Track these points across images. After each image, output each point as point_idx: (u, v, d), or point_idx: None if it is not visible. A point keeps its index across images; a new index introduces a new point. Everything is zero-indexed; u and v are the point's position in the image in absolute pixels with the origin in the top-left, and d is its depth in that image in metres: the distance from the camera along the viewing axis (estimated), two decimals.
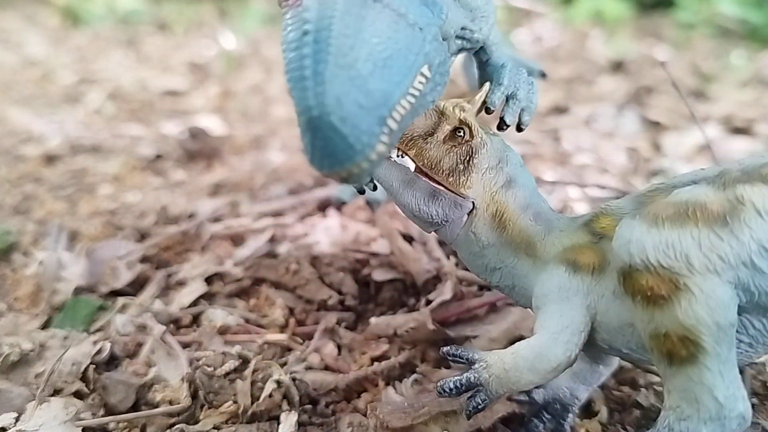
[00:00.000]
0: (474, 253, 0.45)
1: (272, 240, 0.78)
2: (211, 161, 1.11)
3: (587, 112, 1.30)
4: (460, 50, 0.47)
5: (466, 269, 0.70)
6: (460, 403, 0.46)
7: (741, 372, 0.38)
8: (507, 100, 0.47)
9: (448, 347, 0.44)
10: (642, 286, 0.35)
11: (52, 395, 0.54)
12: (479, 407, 0.42)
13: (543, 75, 0.66)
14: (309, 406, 0.53)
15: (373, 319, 0.61)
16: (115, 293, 0.70)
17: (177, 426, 0.51)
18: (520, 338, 0.56)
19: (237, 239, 0.81)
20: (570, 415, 0.49)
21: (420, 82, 0.38)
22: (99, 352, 0.58)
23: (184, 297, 0.68)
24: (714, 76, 1.54)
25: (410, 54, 0.38)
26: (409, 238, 0.75)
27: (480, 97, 0.46)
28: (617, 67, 1.63)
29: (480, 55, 0.50)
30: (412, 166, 0.44)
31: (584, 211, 0.86)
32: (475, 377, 0.42)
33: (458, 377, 0.42)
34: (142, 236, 0.82)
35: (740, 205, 0.35)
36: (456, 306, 0.63)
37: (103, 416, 0.53)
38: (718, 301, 0.34)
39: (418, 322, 0.59)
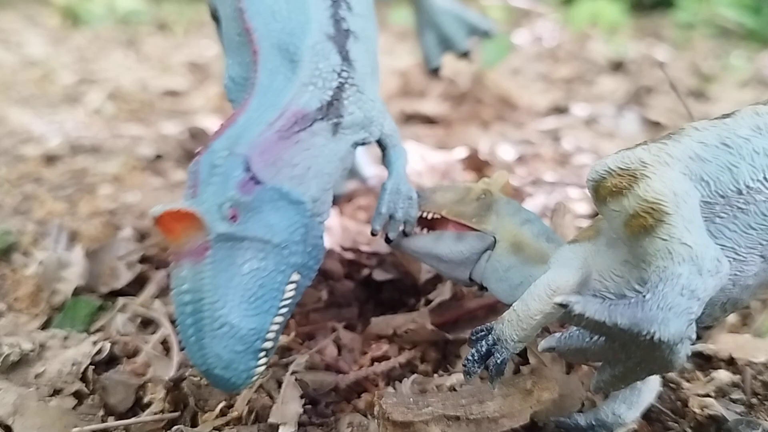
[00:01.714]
0: (500, 279, 0.50)
1: None
2: None
3: (587, 112, 1.30)
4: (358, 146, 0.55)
5: None
6: (464, 409, 0.46)
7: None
8: (389, 218, 0.55)
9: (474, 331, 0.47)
10: (608, 188, 0.40)
11: (52, 395, 0.54)
12: (501, 365, 0.44)
13: (487, 34, 0.81)
14: (309, 406, 0.53)
15: (373, 319, 0.61)
16: (115, 293, 0.70)
17: (176, 427, 0.51)
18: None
19: None
20: None
21: (290, 290, 0.46)
22: (99, 352, 0.58)
23: None
24: (714, 76, 1.54)
25: (278, 274, 0.46)
26: None
27: (501, 186, 0.55)
28: (617, 67, 1.63)
29: (379, 143, 0.57)
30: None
31: (584, 211, 0.87)
32: (491, 336, 0.44)
33: (479, 343, 0.45)
34: (142, 236, 0.82)
35: (681, 130, 0.42)
36: (455, 307, 0.63)
37: (102, 417, 0.53)
38: (671, 177, 0.39)
39: (418, 323, 0.59)
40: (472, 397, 0.47)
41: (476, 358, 0.44)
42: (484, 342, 0.44)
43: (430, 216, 0.55)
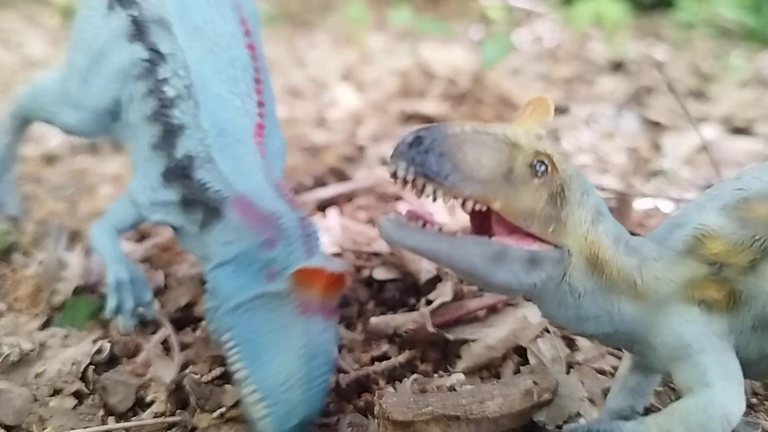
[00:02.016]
0: (567, 305, 0.38)
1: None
2: None
3: (587, 112, 1.30)
4: None
5: None
6: (464, 408, 0.46)
7: None
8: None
9: (571, 425, 0.44)
10: None
11: (52, 395, 0.54)
12: None
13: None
14: None
15: (372, 319, 0.61)
16: None
17: (176, 426, 0.51)
18: (519, 348, 0.56)
19: None
20: None
21: None
22: (99, 352, 0.58)
23: (183, 297, 0.67)
24: (714, 76, 1.54)
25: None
26: None
27: (550, 112, 0.39)
28: (617, 67, 1.63)
29: None
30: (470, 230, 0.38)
31: None
32: None
33: None
34: (142, 236, 0.82)
35: None
36: (456, 307, 0.63)
37: (102, 417, 0.53)
38: None
39: (418, 323, 0.59)
40: (472, 397, 0.47)
41: None
42: None
43: (470, 207, 0.35)
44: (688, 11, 1.98)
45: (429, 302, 0.64)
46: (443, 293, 0.64)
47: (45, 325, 0.63)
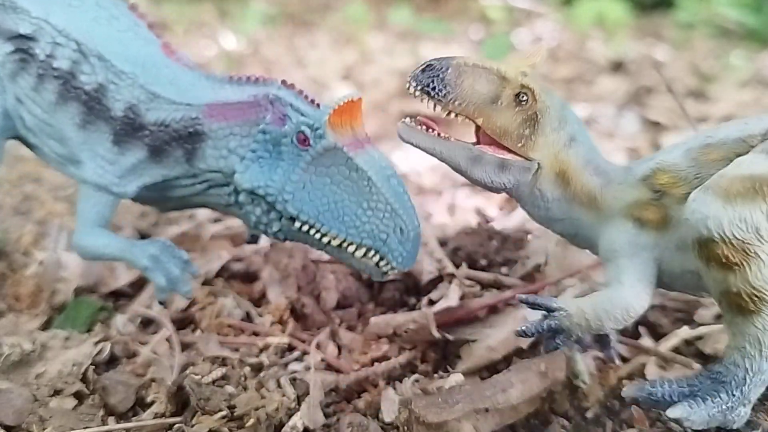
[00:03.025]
0: (538, 207, 0.49)
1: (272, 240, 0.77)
2: None
3: (587, 112, 1.30)
4: None
5: (469, 268, 0.70)
6: (491, 400, 0.47)
7: None
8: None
9: (525, 296, 0.49)
10: (717, 255, 0.40)
11: (52, 395, 0.54)
12: (558, 347, 0.48)
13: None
14: None
15: (372, 319, 0.61)
16: (115, 293, 0.70)
17: (176, 427, 0.51)
18: (518, 349, 0.56)
19: (237, 240, 0.81)
20: (611, 337, 0.55)
21: None
22: (99, 352, 0.58)
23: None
24: (714, 76, 1.54)
25: None
26: None
27: (540, 58, 0.50)
28: (617, 67, 1.63)
29: None
30: (470, 141, 0.48)
31: None
32: (555, 324, 0.47)
33: (539, 322, 0.48)
34: (142, 236, 0.82)
35: None
36: (456, 308, 0.62)
37: (102, 417, 0.53)
38: None
39: (418, 324, 0.59)
40: (494, 387, 0.48)
41: (536, 331, 0.48)
42: (546, 323, 0.47)
43: (460, 119, 0.48)
44: (688, 11, 1.98)
45: (431, 302, 0.64)
46: (447, 296, 0.64)
47: (45, 325, 0.63)
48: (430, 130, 0.48)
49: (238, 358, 0.58)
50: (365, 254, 0.49)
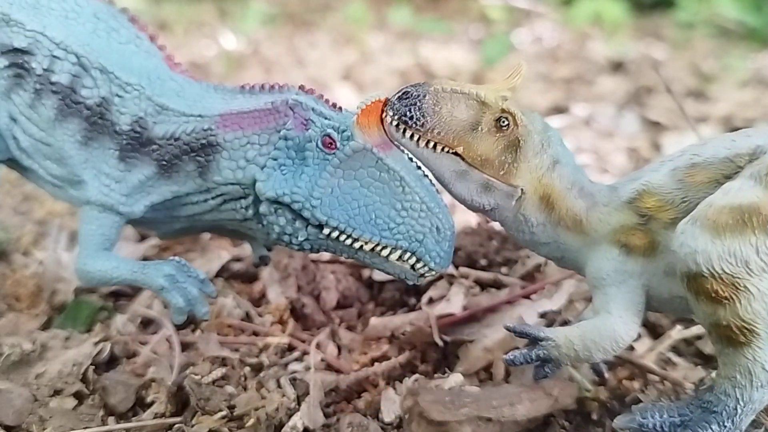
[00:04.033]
0: (522, 231, 0.48)
1: None
2: None
3: (587, 112, 1.30)
4: None
5: (469, 268, 0.70)
6: (497, 411, 0.47)
7: None
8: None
9: (512, 325, 0.48)
10: (707, 289, 0.40)
11: (52, 395, 0.54)
12: (547, 376, 0.48)
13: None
14: None
15: (372, 320, 0.61)
16: (115, 293, 0.70)
17: (176, 427, 0.51)
18: (514, 348, 0.56)
19: (237, 240, 0.81)
20: None
21: None
22: (99, 352, 0.58)
23: None
24: (714, 76, 1.54)
25: None
26: None
27: (519, 79, 0.47)
28: (617, 67, 1.63)
29: None
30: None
31: None
32: (544, 353, 0.47)
33: (528, 352, 0.47)
34: (142, 236, 0.82)
35: None
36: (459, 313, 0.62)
37: (102, 417, 0.53)
38: None
39: (416, 325, 0.59)
40: (502, 399, 0.48)
41: (525, 360, 0.47)
42: (534, 353, 0.47)
43: (439, 149, 0.46)
44: (688, 11, 1.97)
45: (431, 300, 0.64)
46: (450, 300, 0.63)
47: (45, 326, 0.63)
48: (417, 137, 0.46)
49: (238, 358, 0.58)
50: (400, 257, 0.48)
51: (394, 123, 0.46)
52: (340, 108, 0.51)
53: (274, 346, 0.60)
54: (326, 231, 0.48)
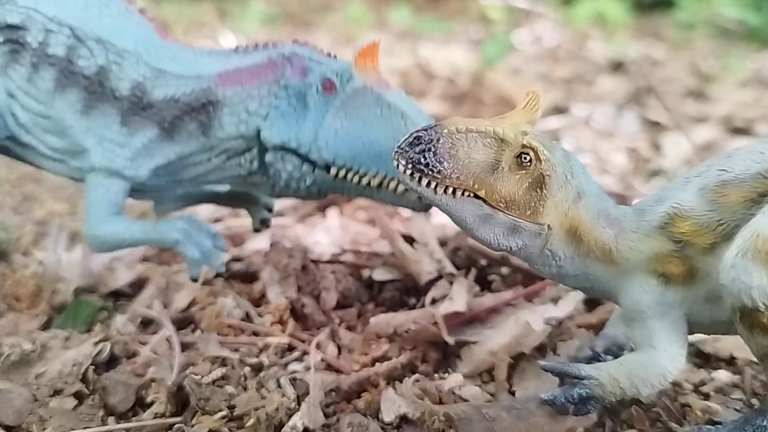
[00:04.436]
0: (549, 265, 0.45)
1: (272, 240, 0.77)
2: None
3: (587, 112, 1.30)
4: None
5: (468, 268, 0.70)
6: None
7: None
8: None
9: (548, 363, 0.47)
10: (763, 323, 0.39)
11: (52, 395, 0.54)
12: (591, 412, 0.46)
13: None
14: None
15: (373, 318, 0.61)
16: (115, 293, 0.70)
17: (176, 427, 0.51)
18: (521, 355, 0.56)
19: (237, 239, 0.81)
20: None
21: None
22: (99, 352, 0.58)
23: (183, 298, 0.67)
24: (714, 76, 1.54)
25: None
26: (410, 239, 0.75)
27: (538, 110, 0.45)
28: (617, 67, 1.63)
29: None
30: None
31: None
32: (587, 392, 0.45)
33: (569, 392, 0.45)
34: None
35: None
36: (463, 311, 0.62)
37: (102, 417, 0.53)
38: None
39: (419, 324, 0.59)
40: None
41: (566, 401, 0.45)
42: (577, 392, 0.45)
43: (459, 194, 0.42)
44: (688, 11, 1.98)
45: (434, 301, 0.64)
46: (453, 299, 0.63)
47: (45, 326, 0.63)
48: (435, 184, 0.42)
49: (238, 358, 0.58)
50: (407, 188, 0.48)
51: (408, 172, 0.42)
52: (335, 56, 0.54)
53: (274, 346, 0.60)
54: (333, 171, 0.50)
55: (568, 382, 0.47)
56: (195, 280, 0.60)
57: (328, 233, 0.82)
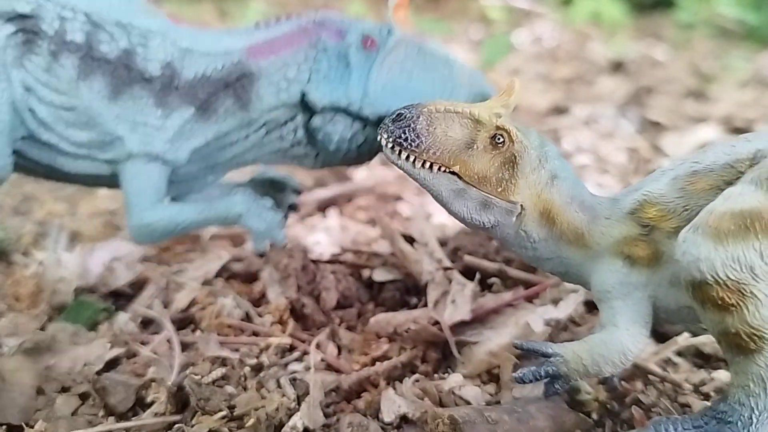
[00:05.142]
0: (525, 247, 0.47)
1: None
2: None
3: (587, 112, 1.30)
4: None
5: (469, 268, 0.70)
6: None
7: None
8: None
9: (521, 342, 0.49)
10: (713, 297, 0.39)
11: (59, 392, 0.54)
12: (559, 392, 0.48)
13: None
14: None
15: (372, 319, 0.61)
16: (116, 293, 0.70)
17: (176, 427, 0.51)
18: (519, 355, 0.56)
19: (237, 239, 0.81)
20: None
21: None
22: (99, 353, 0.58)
23: (183, 298, 0.68)
24: (714, 76, 1.54)
25: None
26: (410, 239, 0.75)
27: (513, 98, 0.47)
28: (617, 67, 1.63)
29: None
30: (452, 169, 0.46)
31: None
32: (553, 370, 0.46)
33: (537, 369, 0.47)
34: None
35: None
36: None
37: (102, 417, 0.53)
38: None
39: (419, 324, 0.59)
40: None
41: (534, 377, 0.47)
42: (543, 369, 0.46)
43: (435, 168, 0.46)
44: (688, 11, 1.98)
45: (436, 303, 0.64)
46: (456, 303, 0.63)
47: (45, 326, 0.63)
48: (413, 158, 0.46)
49: (238, 358, 0.58)
50: None
51: (389, 145, 0.46)
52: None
53: (274, 346, 0.60)
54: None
55: (536, 361, 0.48)
56: (261, 255, 0.59)
57: (328, 233, 0.82)
